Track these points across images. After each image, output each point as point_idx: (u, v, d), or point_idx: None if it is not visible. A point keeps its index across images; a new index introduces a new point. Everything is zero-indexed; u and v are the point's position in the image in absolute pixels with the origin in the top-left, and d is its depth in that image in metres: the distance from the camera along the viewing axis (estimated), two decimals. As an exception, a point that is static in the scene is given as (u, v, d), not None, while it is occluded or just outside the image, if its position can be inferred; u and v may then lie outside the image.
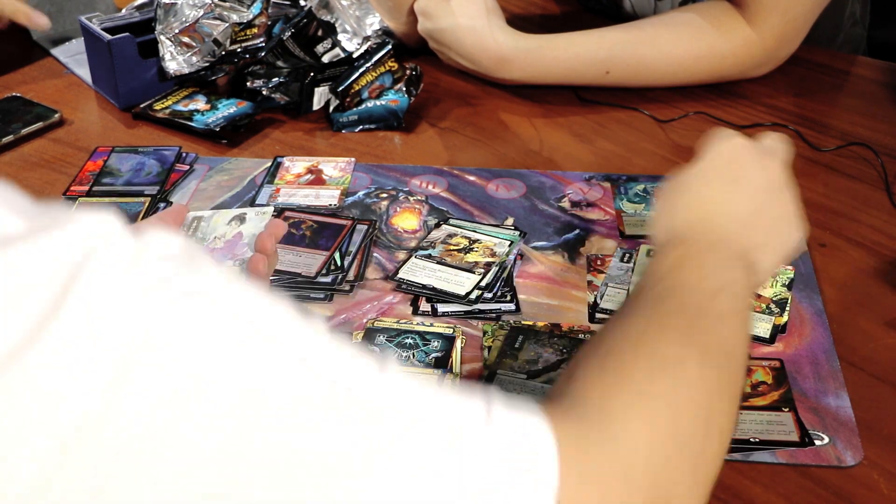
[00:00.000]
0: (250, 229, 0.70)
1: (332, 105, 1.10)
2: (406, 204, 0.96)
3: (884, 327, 0.80)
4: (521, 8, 1.37)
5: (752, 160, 0.68)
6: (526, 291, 0.84)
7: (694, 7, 1.15)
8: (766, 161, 0.69)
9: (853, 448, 0.69)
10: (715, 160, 0.68)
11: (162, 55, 1.10)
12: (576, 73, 1.12)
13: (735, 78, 1.15)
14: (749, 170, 0.68)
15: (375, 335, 0.79)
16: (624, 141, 1.07)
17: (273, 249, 0.69)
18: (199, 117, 1.08)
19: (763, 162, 0.68)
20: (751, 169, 0.68)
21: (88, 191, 0.97)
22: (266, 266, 0.68)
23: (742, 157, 0.68)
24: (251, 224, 0.70)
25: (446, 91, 1.16)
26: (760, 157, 0.68)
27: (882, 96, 1.15)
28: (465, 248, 0.88)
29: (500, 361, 0.76)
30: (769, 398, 0.73)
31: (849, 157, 1.03)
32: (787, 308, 0.81)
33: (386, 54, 1.11)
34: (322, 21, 1.14)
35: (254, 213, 0.71)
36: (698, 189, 0.67)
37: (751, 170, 0.68)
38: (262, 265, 0.67)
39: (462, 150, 1.06)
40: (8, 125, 1.07)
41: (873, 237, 0.91)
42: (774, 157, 0.69)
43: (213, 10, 1.08)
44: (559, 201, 0.96)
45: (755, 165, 0.68)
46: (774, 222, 0.67)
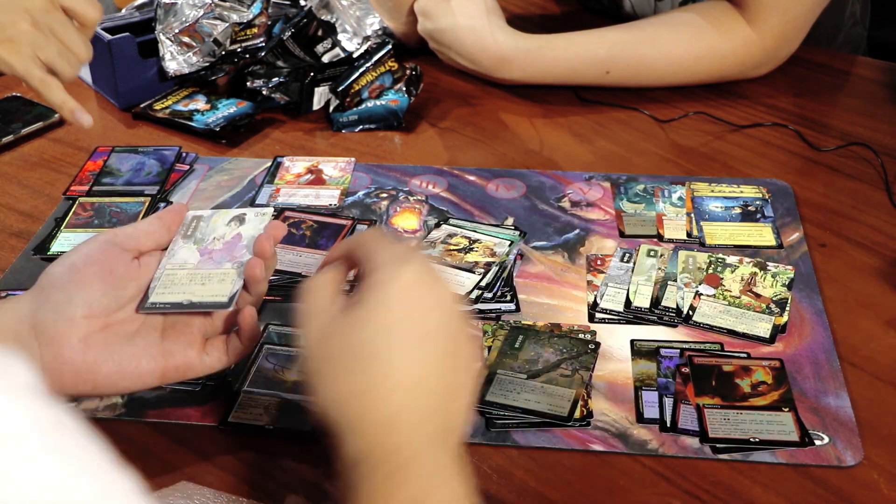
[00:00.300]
0: (249, 230, 0.69)
1: (332, 105, 1.10)
2: (406, 204, 0.96)
3: (884, 327, 0.80)
4: (521, 8, 1.37)
5: (431, 301, 0.58)
6: (526, 291, 0.84)
7: (694, 7, 1.15)
8: (441, 292, 0.59)
9: (853, 448, 0.69)
10: (391, 313, 0.56)
11: (162, 55, 1.10)
12: (576, 73, 1.13)
13: (735, 78, 1.15)
14: (432, 317, 0.57)
15: (375, 335, 0.79)
16: (624, 141, 1.07)
17: (272, 252, 0.69)
18: (199, 117, 1.08)
19: (441, 296, 0.58)
20: (434, 314, 0.57)
21: (88, 191, 0.97)
22: (263, 270, 0.68)
23: (422, 301, 0.57)
24: (251, 225, 0.70)
25: (446, 91, 1.16)
26: (437, 292, 0.58)
27: (882, 96, 1.15)
28: (465, 247, 0.88)
29: (500, 361, 0.76)
30: (769, 398, 0.73)
31: (849, 157, 1.03)
32: (787, 308, 0.81)
33: (386, 54, 1.11)
34: (322, 21, 1.14)
35: (253, 214, 0.71)
36: (381, 367, 0.55)
37: (434, 316, 0.57)
38: (258, 269, 0.67)
39: (462, 149, 1.06)
40: (8, 125, 1.07)
41: (873, 237, 0.91)
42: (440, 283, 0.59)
43: (213, 10, 1.08)
44: (559, 201, 0.96)
45: (436, 306, 0.58)
46: (464, 372, 0.58)
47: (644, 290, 0.83)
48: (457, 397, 0.57)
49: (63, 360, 0.62)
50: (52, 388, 0.63)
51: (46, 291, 0.64)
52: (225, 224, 0.70)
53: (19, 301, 0.65)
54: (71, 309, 0.63)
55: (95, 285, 0.64)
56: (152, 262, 0.70)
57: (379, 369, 0.55)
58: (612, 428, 0.71)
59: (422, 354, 0.56)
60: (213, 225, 0.70)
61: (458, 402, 0.57)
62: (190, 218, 0.71)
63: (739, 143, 1.06)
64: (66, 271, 0.64)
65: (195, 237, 0.70)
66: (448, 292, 0.59)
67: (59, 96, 0.93)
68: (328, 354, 0.57)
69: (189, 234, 0.70)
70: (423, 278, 0.58)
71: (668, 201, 0.95)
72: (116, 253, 0.67)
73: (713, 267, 0.85)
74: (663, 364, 0.76)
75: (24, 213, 0.95)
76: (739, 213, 0.93)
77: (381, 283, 0.57)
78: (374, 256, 0.59)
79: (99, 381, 0.64)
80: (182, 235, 0.70)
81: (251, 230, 0.69)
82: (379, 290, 0.57)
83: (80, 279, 0.64)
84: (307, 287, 0.61)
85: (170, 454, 0.69)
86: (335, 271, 0.62)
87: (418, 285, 0.57)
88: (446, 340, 0.57)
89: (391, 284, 0.57)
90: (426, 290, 0.58)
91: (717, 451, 0.69)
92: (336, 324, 0.57)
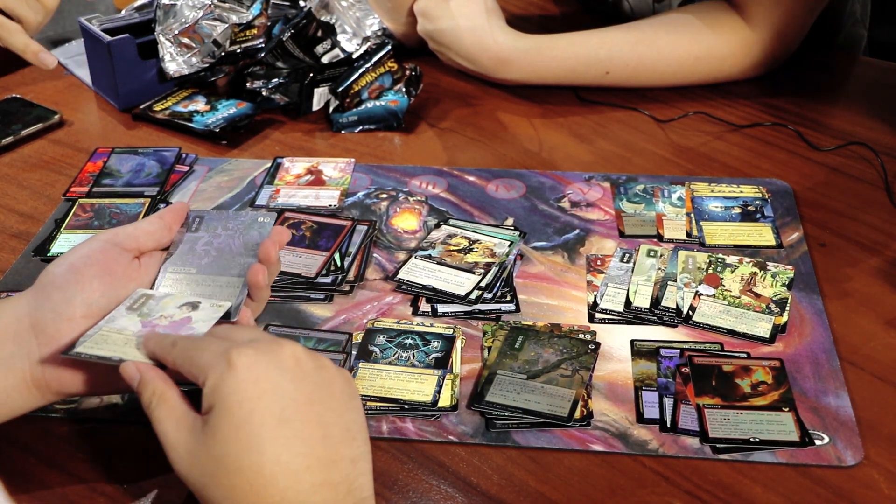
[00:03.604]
0: (201, 316, 0.65)
1: (331, 106, 1.10)
2: (406, 204, 0.96)
3: (884, 327, 0.80)
4: (520, 8, 1.37)
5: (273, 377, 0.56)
6: (526, 292, 0.84)
7: (693, 8, 1.15)
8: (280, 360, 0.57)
9: (853, 448, 0.69)
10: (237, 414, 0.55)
11: (161, 56, 1.10)
12: (576, 73, 1.13)
13: (734, 78, 1.15)
14: (281, 393, 0.56)
15: (375, 336, 0.79)
16: (624, 141, 1.07)
17: (276, 258, 0.69)
18: (198, 118, 1.08)
19: (281, 365, 0.57)
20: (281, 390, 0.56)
21: (88, 192, 0.97)
22: (266, 277, 0.68)
23: (261, 383, 0.56)
24: (203, 312, 0.66)
25: (446, 91, 1.16)
26: (276, 364, 0.57)
27: (882, 96, 1.15)
28: (465, 248, 0.88)
29: (500, 362, 0.76)
30: (769, 398, 0.73)
31: (849, 157, 1.03)
32: (787, 308, 0.81)
33: (385, 55, 1.11)
34: (322, 22, 1.14)
35: (208, 305, 0.66)
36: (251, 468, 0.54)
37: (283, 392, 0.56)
38: (262, 276, 0.67)
39: (462, 150, 1.06)
40: (8, 126, 1.07)
41: (873, 237, 0.91)
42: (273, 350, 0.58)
43: (213, 11, 1.08)
44: (559, 201, 0.96)
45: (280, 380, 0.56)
46: (340, 431, 0.57)
47: (644, 290, 0.83)
48: (339, 458, 0.56)
49: (62, 360, 0.62)
50: (51, 386, 0.63)
51: (46, 291, 0.64)
52: (177, 307, 0.66)
53: (19, 300, 0.65)
54: (70, 309, 0.63)
55: (95, 286, 0.64)
56: (152, 262, 0.70)
57: (247, 470, 0.54)
58: (612, 428, 0.71)
59: (285, 438, 0.55)
60: (163, 305, 0.67)
61: (343, 463, 0.56)
62: (139, 295, 0.67)
63: (739, 143, 1.06)
64: (66, 271, 0.64)
65: (141, 312, 0.66)
66: (287, 353, 0.57)
67: (20, 40, 0.91)
68: (200, 474, 0.56)
69: (136, 307, 0.66)
70: (254, 362, 0.56)
71: (668, 201, 0.95)
72: (116, 253, 0.67)
73: (713, 267, 0.85)
74: (663, 364, 0.76)
75: (23, 215, 0.95)
76: (739, 213, 0.93)
77: (216, 388, 0.56)
78: (200, 363, 0.57)
79: (97, 382, 0.64)
80: (127, 307, 0.66)
81: (203, 317, 0.65)
82: (217, 395, 0.55)
83: (80, 279, 0.64)
84: (155, 422, 0.58)
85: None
86: (170, 394, 0.59)
87: (252, 373, 0.56)
88: (306, 410, 0.56)
89: (225, 385, 0.55)
90: (262, 374, 0.56)
91: (717, 451, 0.69)
92: (196, 443, 0.56)
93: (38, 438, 0.71)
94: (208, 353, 0.57)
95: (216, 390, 0.56)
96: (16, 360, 0.62)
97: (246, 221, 0.72)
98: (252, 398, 0.55)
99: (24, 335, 0.63)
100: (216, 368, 0.56)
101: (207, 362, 0.57)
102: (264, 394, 0.55)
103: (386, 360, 0.76)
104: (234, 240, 0.71)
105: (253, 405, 0.55)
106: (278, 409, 0.55)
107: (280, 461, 0.54)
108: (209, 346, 0.58)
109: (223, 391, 0.55)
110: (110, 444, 0.70)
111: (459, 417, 0.72)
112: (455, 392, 0.74)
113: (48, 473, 0.68)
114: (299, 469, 0.55)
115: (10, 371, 0.62)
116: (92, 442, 0.70)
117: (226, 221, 0.72)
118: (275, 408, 0.55)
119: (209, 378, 0.56)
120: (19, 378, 0.62)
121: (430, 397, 0.73)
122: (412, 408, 0.72)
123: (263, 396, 0.55)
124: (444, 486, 0.67)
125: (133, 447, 0.70)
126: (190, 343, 0.60)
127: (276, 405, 0.55)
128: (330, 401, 0.57)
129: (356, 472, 0.57)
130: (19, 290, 0.83)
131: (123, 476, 0.68)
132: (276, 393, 0.56)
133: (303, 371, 0.57)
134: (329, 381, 0.58)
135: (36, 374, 0.63)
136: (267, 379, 0.56)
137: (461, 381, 0.75)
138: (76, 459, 0.69)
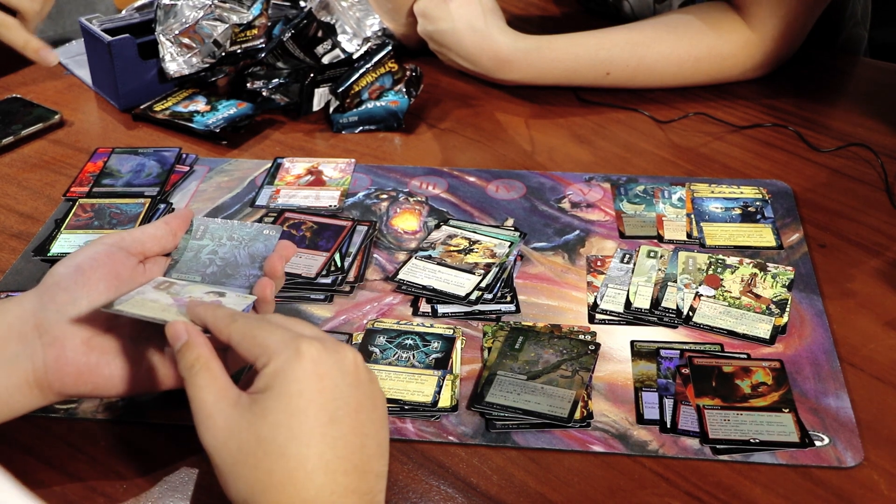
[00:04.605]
0: (230, 303, 0.65)
1: (332, 106, 1.10)
2: (406, 205, 0.96)
3: (884, 327, 0.80)
4: (520, 9, 1.37)
5: (333, 380, 0.57)
6: (526, 292, 0.84)
7: (693, 9, 1.15)
8: (341, 364, 0.58)
9: (853, 449, 0.69)
10: (294, 403, 0.55)
11: (162, 56, 1.10)
12: (576, 73, 1.13)
13: (735, 79, 1.15)
14: (337, 395, 0.56)
15: (375, 336, 0.79)
16: (624, 142, 1.07)
17: (282, 272, 0.70)
18: (199, 118, 1.08)
19: (342, 368, 0.57)
20: (337, 392, 0.56)
21: (88, 192, 0.97)
22: (273, 291, 0.68)
23: (324, 383, 0.56)
24: (232, 300, 0.65)
25: (446, 92, 1.16)
26: (338, 367, 0.57)
27: (882, 97, 1.15)
28: (465, 249, 0.88)
29: (500, 362, 0.76)
30: (769, 399, 0.73)
31: (849, 158, 1.03)
32: (787, 309, 0.81)
33: (386, 55, 1.11)
34: (322, 22, 1.14)
35: (234, 295, 0.67)
36: (292, 456, 0.54)
37: (338, 394, 0.56)
38: (269, 290, 0.68)
39: (462, 150, 1.06)
40: (8, 126, 1.07)
41: (873, 237, 0.91)
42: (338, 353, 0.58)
43: (213, 12, 1.08)
44: (559, 202, 0.96)
45: (338, 384, 0.57)
46: (374, 445, 0.58)
47: (644, 291, 0.83)
48: (370, 470, 0.57)
49: (65, 361, 0.62)
50: (53, 387, 0.63)
51: (51, 291, 0.64)
52: (203, 293, 0.67)
53: (23, 299, 0.65)
54: (75, 310, 0.63)
55: (100, 288, 0.64)
56: (156, 268, 0.70)
57: (291, 459, 0.54)
58: (612, 429, 0.71)
59: (332, 437, 0.55)
60: (188, 290, 0.67)
61: (371, 476, 0.57)
62: (160, 281, 0.67)
63: (739, 144, 1.06)
64: (72, 273, 0.64)
65: (169, 291, 0.66)
66: (350, 358, 0.58)
67: (19, 35, 0.90)
68: (236, 450, 0.56)
69: (161, 288, 0.66)
70: (320, 357, 0.57)
71: (668, 202, 0.95)
72: (122, 257, 0.67)
73: (713, 268, 0.85)
74: (663, 365, 0.76)
75: (23, 215, 0.95)
76: (739, 214, 0.93)
77: (279, 372, 0.56)
78: (265, 343, 0.58)
79: (99, 383, 0.64)
80: (153, 287, 0.66)
81: (232, 302, 0.65)
82: (278, 378, 0.56)
83: (86, 281, 0.64)
84: (194, 388, 0.58)
85: (170, 456, 0.69)
86: (214, 364, 0.59)
87: (317, 367, 0.56)
88: (354, 417, 0.57)
89: (289, 371, 0.56)
90: (325, 371, 0.57)
91: (717, 451, 0.69)
92: (239, 419, 0.56)
93: (38, 438, 0.71)
94: (275, 336, 0.58)
95: (278, 374, 0.56)
96: (20, 360, 0.62)
97: (251, 233, 0.72)
98: (313, 391, 0.56)
99: (28, 335, 0.63)
100: (282, 353, 0.56)
101: (274, 344, 0.57)
102: (324, 390, 0.56)
103: (386, 361, 0.76)
104: (239, 250, 0.71)
105: (311, 398, 0.56)
106: (333, 408, 0.56)
107: (323, 458, 0.55)
108: (275, 329, 0.59)
109: (286, 377, 0.56)
110: (110, 444, 0.70)
111: (459, 418, 0.72)
112: (455, 393, 0.74)
113: (48, 473, 0.68)
114: (338, 471, 0.55)
115: (14, 371, 0.62)
116: (92, 442, 0.70)
117: (231, 231, 0.72)
118: (330, 406, 0.56)
119: (273, 360, 0.56)
120: (22, 378, 0.62)
121: (430, 398, 0.73)
122: (412, 408, 0.72)
123: (323, 392, 0.56)
124: (444, 486, 0.67)
125: (133, 447, 0.70)
126: (254, 322, 0.60)
127: (331, 404, 0.56)
128: (373, 413, 0.58)
129: (378, 488, 0.58)
130: (20, 290, 0.83)
131: (123, 476, 0.68)
132: (333, 392, 0.56)
133: (358, 379, 0.58)
134: (375, 396, 0.59)
135: (39, 375, 0.63)
136: (329, 377, 0.57)
137: (461, 381, 0.75)
138: (76, 459, 0.69)
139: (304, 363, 0.56)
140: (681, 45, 1.12)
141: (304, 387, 0.56)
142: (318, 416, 0.55)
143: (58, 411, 0.72)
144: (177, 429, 0.71)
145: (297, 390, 0.56)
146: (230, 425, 0.56)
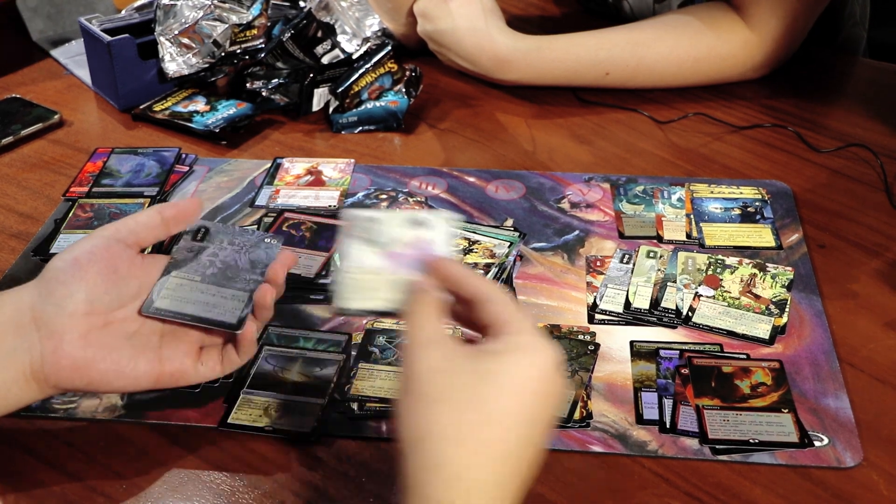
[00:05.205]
0: (433, 236, 0.63)
1: (331, 106, 1.10)
2: (406, 205, 0.96)
3: (884, 328, 0.80)
4: (520, 9, 1.37)
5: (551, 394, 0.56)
6: (525, 292, 0.84)
7: (693, 9, 1.15)
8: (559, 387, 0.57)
9: (853, 449, 0.69)
10: (522, 386, 0.55)
11: (161, 56, 1.10)
12: (575, 74, 1.13)
13: (734, 79, 1.15)
14: (545, 404, 0.56)
15: (375, 336, 0.79)
16: (623, 142, 1.07)
17: (283, 281, 0.70)
18: (198, 118, 1.08)
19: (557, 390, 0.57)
20: (547, 402, 0.56)
21: (88, 192, 0.97)
22: (273, 297, 0.68)
23: (548, 390, 0.56)
24: (430, 232, 0.63)
25: (446, 92, 1.16)
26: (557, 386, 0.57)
27: (882, 97, 1.15)
28: (465, 249, 0.88)
29: (500, 362, 0.76)
30: (769, 399, 0.73)
31: (848, 158, 1.03)
32: (787, 309, 0.81)
33: (385, 55, 1.11)
34: (322, 22, 1.14)
35: (432, 217, 0.64)
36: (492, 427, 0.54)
37: (546, 404, 0.56)
38: (270, 296, 0.68)
39: (461, 151, 1.06)
40: (7, 126, 1.07)
41: (873, 238, 0.91)
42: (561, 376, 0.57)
43: (213, 12, 1.08)
44: (559, 202, 0.96)
45: (550, 399, 0.56)
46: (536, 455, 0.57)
47: (643, 291, 0.83)
48: (524, 483, 0.56)
49: (62, 354, 0.62)
50: (49, 380, 0.63)
51: (49, 285, 0.64)
52: (399, 227, 0.64)
53: (20, 292, 0.65)
54: (73, 304, 0.63)
55: (98, 282, 0.64)
56: (156, 262, 0.70)
57: (489, 429, 0.53)
58: (611, 429, 0.71)
59: (539, 441, 0.55)
60: (385, 228, 0.64)
61: (520, 491, 0.56)
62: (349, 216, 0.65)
63: (739, 145, 1.06)
64: (70, 266, 0.64)
65: (370, 240, 0.64)
66: (562, 387, 0.58)
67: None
68: (443, 387, 0.55)
69: (363, 235, 0.64)
70: (556, 368, 0.56)
71: (668, 202, 0.95)
72: (120, 250, 0.67)
73: (713, 268, 0.85)
74: (663, 365, 0.76)
75: (23, 215, 0.95)
76: (739, 215, 0.93)
77: (524, 350, 0.56)
78: (516, 318, 0.57)
79: (94, 378, 0.64)
80: (356, 237, 0.64)
81: (434, 236, 0.64)
82: (520, 355, 0.55)
83: (84, 275, 0.64)
84: (418, 315, 0.58)
85: (169, 455, 0.69)
86: (443, 296, 0.59)
87: (551, 375, 0.56)
88: (542, 430, 0.56)
89: (533, 360, 0.55)
90: (551, 383, 0.56)
91: (716, 452, 0.69)
92: (462, 364, 0.55)
93: (38, 438, 0.71)
94: (530, 324, 0.57)
95: (523, 353, 0.55)
96: (17, 353, 0.62)
97: (253, 240, 0.72)
98: (537, 391, 0.55)
99: (26, 328, 0.63)
100: (533, 341, 0.56)
101: (528, 329, 0.57)
102: (554, 396, 0.56)
103: (385, 361, 0.76)
104: (240, 255, 0.71)
105: (534, 395, 0.55)
106: (550, 416, 0.56)
107: (526, 455, 0.54)
108: (532, 322, 0.59)
109: (528, 362, 0.55)
110: (110, 444, 0.71)
111: (459, 418, 0.72)
112: (455, 393, 0.73)
113: (48, 473, 0.68)
114: (522, 471, 0.55)
115: (11, 364, 0.62)
116: (92, 442, 0.70)
117: (232, 236, 0.72)
118: (551, 412, 0.56)
119: (523, 338, 0.56)
120: (19, 371, 0.62)
121: (429, 398, 0.73)
122: (412, 408, 0.72)
123: (554, 397, 0.56)
124: (444, 486, 0.67)
125: (133, 447, 0.70)
126: (513, 301, 0.59)
127: (553, 411, 0.56)
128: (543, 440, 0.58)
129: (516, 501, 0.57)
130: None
131: (123, 476, 0.68)
132: (556, 402, 0.56)
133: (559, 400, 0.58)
134: None
135: (35, 368, 0.63)
136: (560, 386, 0.56)
137: (461, 381, 0.75)
138: (76, 459, 0.69)
139: (548, 354, 0.56)
140: (680, 45, 1.12)
141: (536, 374, 0.55)
142: (531, 410, 0.55)
143: (58, 411, 0.72)
144: (177, 429, 0.71)
145: (528, 375, 0.55)
146: (449, 358, 0.55)
